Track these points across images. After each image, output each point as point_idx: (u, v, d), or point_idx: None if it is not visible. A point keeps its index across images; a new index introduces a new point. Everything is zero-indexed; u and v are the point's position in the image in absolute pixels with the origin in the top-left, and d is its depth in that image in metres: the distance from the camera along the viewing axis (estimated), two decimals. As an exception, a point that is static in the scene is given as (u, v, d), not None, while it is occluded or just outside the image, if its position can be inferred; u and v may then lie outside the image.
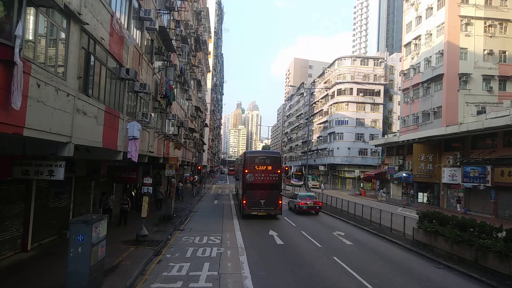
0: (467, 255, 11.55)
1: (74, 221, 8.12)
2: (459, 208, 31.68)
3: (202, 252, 12.95)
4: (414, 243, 14.73)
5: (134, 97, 14.11)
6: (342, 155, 62.72)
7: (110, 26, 10.41)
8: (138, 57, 13.75)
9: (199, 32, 35.91)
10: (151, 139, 16.51)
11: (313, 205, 24.58)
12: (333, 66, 69.13)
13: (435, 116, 36.00)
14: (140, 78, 14.08)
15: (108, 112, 10.52)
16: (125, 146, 12.35)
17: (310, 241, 15.46)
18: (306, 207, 24.26)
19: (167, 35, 18.15)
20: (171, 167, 20.27)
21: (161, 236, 15.42)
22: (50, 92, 7.08)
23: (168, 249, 13.42)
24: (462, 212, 30.56)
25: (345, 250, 14.01)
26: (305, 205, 24.14)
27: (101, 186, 17.80)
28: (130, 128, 12.48)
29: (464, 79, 33.78)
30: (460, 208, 31.62)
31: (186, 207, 26.08)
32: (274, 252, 13.36)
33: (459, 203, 32.17)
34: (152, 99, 16.87)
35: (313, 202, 24.77)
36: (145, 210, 14.57)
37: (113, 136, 11.26)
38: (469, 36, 34.17)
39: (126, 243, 13.70)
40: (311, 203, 24.53)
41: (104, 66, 10.31)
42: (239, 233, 16.87)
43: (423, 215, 14.54)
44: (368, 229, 18.58)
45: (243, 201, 21.38)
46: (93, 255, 8.20)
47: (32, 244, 11.81)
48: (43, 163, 8.22)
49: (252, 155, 22.80)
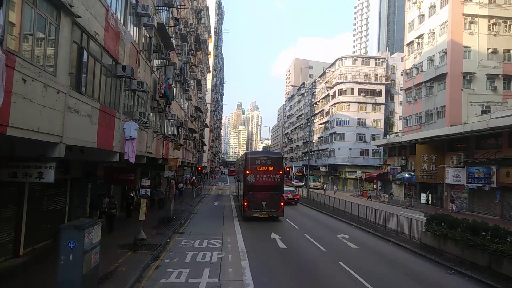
0: (479, 260, 11.03)
1: (65, 227, 7.62)
2: (454, 207, 32.15)
3: (202, 257, 12.45)
4: (421, 246, 14.20)
5: (132, 96, 13.62)
6: (343, 155, 62.20)
7: (105, 21, 9.92)
8: (135, 55, 13.26)
9: (199, 31, 35.44)
10: (149, 139, 16.01)
11: (292, 197, 31.26)
12: (334, 66, 68.64)
13: (438, 116, 35.49)
14: (138, 76, 13.60)
15: (103, 111, 10.03)
16: (121, 146, 11.86)
17: (313, 244, 14.94)
18: (287, 198, 28.01)
19: (166, 33, 17.66)
20: (170, 168, 19.78)
21: (160, 239, 14.92)
22: (38, 89, 6.59)
23: (166, 254, 12.91)
24: (455, 211, 31.41)
25: (350, 254, 13.49)
26: (286, 197, 26.84)
27: (99, 188, 17.31)
28: (126, 128, 11.98)
29: (468, 78, 33.29)
30: (454, 207, 32.09)
31: (186, 209, 25.58)
32: (277, 257, 12.85)
33: (452, 202, 32.75)
34: (150, 98, 16.37)
35: (293, 195, 31.75)
36: (143, 213, 14.06)
37: (108, 136, 10.76)
38: (473, 34, 33.68)
39: (123, 247, 13.19)
40: (291, 196, 30.99)
41: (99, 62, 9.82)
42: (240, 236, 16.37)
43: (431, 217, 14.00)
44: (372, 231, 18.06)
45: (244, 202, 20.88)
46: (85, 262, 7.70)
47: (25, 249, 11.31)
48: (32, 164, 7.71)
49: (254, 156, 22.29)
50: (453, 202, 32.65)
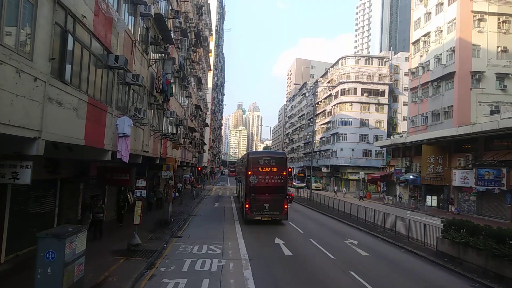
0: (506, 271, 10.01)
1: (43, 235, 6.61)
2: (453, 209, 31.83)
3: (201, 265, 11.45)
4: (438, 254, 13.18)
5: (126, 89, 12.62)
6: (346, 156, 61.15)
7: (95, 4, 8.93)
8: (130, 45, 12.26)
9: (199, 27, 34.44)
10: (146, 137, 15.01)
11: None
12: (336, 66, 67.60)
13: (445, 116, 34.46)
14: (133, 68, 12.61)
15: (92, 104, 9.03)
16: (114, 144, 10.86)
17: (321, 251, 13.92)
18: None
19: (165, 25, 16.67)
20: (168, 168, 18.77)
21: (156, 244, 13.91)
22: (8, 74, 5.59)
23: (163, 261, 11.91)
24: (455, 212, 31.05)
25: (362, 262, 12.46)
26: None
27: (92, 189, 16.31)
28: (120, 124, 10.97)
29: (477, 77, 32.25)
30: (453, 209, 31.74)
31: (185, 211, 24.57)
32: (282, 265, 11.84)
33: (451, 204, 32.49)
34: (147, 94, 15.38)
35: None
36: (138, 216, 13.05)
37: (99, 132, 9.77)
38: (482, 32, 32.64)
39: (116, 253, 12.19)
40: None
41: (87, 49, 8.82)
42: (242, 241, 15.35)
43: (448, 223, 12.96)
44: (382, 236, 17.02)
45: (245, 205, 19.85)
46: (67, 276, 6.70)
47: (7, 256, 10.29)
48: (5, 163, 6.70)
49: (256, 156, 21.27)
50: (452, 204, 32.51)
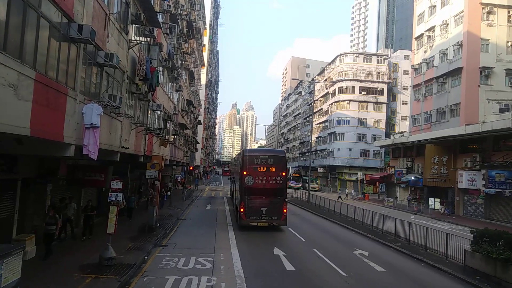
0: None
1: None
2: (444, 210, 31.22)
3: (187, 285, 9.40)
4: (466, 270, 11.23)
5: (99, 72, 10.49)
6: (343, 156, 59.36)
7: (47, -48, 6.82)
8: (102, 18, 10.11)
9: (192, 17, 32.28)
10: (125, 131, 12.88)
11: None
12: (334, 63, 65.75)
13: (451, 114, 32.71)
14: (107, 47, 10.47)
15: (43, 83, 6.92)
16: (78, 137, 8.75)
17: (328, 265, 11.90)
18: None
19: (149, 3, 14.52)
20: (153, 167, 16.64)
21: (135, 256, 11.81)
22: None
23: (140, 279, 9.83)
24: (446, 214, 30.47)
25: (379, 282, 10.42)
26: None
27: (64, 190, 14.12)
28: (87, 112, 8.85)
29: (486, 73, 30.55)
30: (444, 210, 31.13)
31: (173, 214, 22.47)
32: (285, 285, 9.82)
33: (442, 205, 31.94)
34: (128, 80, 13.23)
35: None
36: (113, 225, 10.94)
37: (55, 121, 7.65)
38: (491, 26, 30.94)
39: (84, 269, 10.09)
40: None
41: (35, 11, 6.69)
42: (236, 251, 13.30)
43: (480, 234, 11.03)
44: (395, 246, 15.05)
45: (240, 209, 17.79)
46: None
47: None
48: None
49: (252, 154, 19.20)
50: (443, 204, 31.86)
